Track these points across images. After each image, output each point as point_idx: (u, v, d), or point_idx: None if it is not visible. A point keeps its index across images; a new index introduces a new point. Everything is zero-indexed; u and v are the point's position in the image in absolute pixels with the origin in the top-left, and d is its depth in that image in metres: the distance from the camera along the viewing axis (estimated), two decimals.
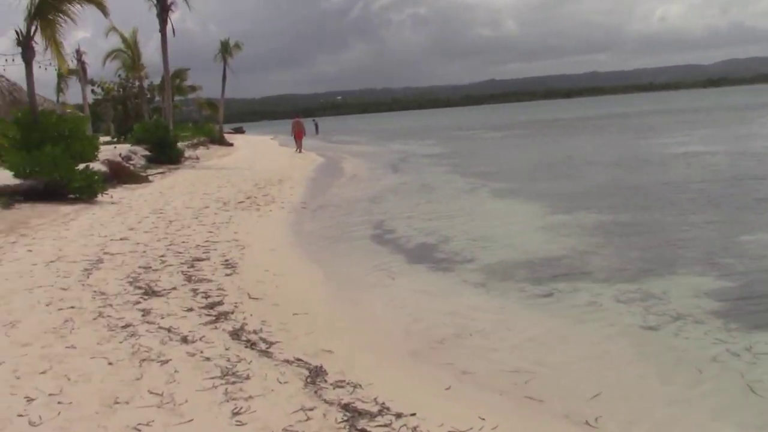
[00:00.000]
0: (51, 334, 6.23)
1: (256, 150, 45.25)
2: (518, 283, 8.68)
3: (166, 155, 28.46)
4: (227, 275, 8.84)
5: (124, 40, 42.26)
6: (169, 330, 6.38)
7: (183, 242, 11.12)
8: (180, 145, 32.41)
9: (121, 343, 5.99)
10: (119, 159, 22.59)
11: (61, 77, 46.65)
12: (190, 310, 7.13)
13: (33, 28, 18.53)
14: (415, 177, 23.41)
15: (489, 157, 32.18)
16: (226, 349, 5.87)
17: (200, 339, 6.15)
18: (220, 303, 7.45)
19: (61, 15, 18.85)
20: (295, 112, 56.29)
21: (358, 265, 10.15)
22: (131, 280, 8.44)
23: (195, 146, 40.32)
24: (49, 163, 15.27)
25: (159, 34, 34.06)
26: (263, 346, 6.08)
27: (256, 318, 6.91)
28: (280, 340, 6.26)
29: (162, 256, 9.97)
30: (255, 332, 6.43)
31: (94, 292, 7.82)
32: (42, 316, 6.86)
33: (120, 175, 19.97)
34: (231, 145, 50.20)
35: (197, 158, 33.74)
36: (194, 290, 7.98)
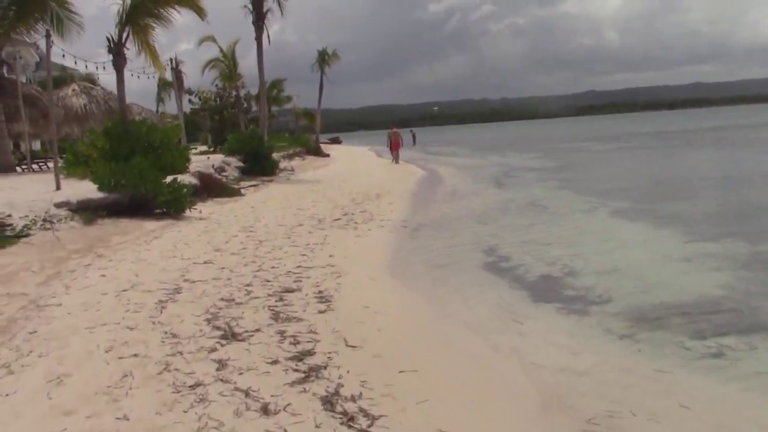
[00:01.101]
0: (102, 397, 5.06)
1: (353, 161, 44.44)
2: (674, 335, 6.91)
3: (260, 166, 27.77)
4: (321, 312, 7.52)
5: (220, 49, 42.35)
6: (246, 393, 5.12)
7: (273, 267, 9.93)
8: (275, 155, 31.75)
9: (185, 412, 4.76)
10: (211, 171, 21.83)
11: (162, 87, 47.04)
12: (275, 362, 5.84)
13: (125, 34, 17.87)
14: (522, 193, 21.51)
15: (601, 171, 29.91)
16: (317, 427, 4.54)
17: (285, 408, 4.85)
18: (311, 353, 6.12)
19: (154, 20, 18.14)
20: (392, 123, 55.27)
21: (473, 302, 8.52)
22: (210, 316, 7.25)
23: (290, 157, 39.89)
24: (135, 175, 14.35)
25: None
26: (364, 422, 4.69)
27: (353, 376, 5.53)
28: (385, 413, 4.85)
29: (248, 285, 8.77)
30: (353, 399, 5.06)
31: (165, 333, 6.65)
32: (98, 367, 5.71)
33: (211, 187, 19.08)
34: (327, 156, 49.70)
35: (292, 170, 33.02)
36: (281, 332, 6.70)
